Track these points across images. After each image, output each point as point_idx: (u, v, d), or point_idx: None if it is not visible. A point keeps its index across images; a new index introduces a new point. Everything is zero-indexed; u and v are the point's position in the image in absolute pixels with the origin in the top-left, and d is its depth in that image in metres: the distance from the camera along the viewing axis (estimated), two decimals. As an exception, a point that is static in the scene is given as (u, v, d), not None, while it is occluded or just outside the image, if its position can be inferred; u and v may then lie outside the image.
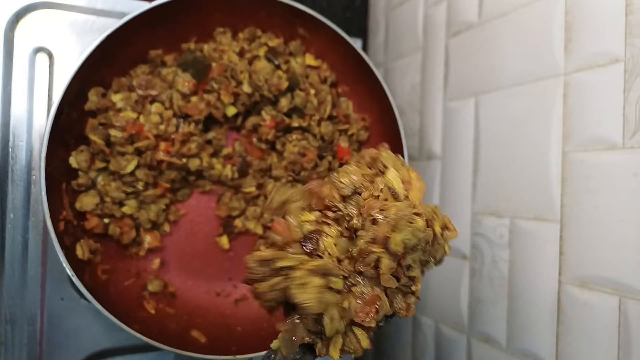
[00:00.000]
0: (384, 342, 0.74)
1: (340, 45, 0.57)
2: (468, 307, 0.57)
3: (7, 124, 0.51)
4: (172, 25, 0.54)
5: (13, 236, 0.51)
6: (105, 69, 0.51)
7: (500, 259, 0.53)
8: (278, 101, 0.58)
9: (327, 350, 0.31)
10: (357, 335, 0.32)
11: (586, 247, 0.43)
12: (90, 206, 0.51)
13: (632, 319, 0.39)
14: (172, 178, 0.55)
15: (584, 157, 0.44)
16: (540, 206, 0.48)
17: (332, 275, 0.30)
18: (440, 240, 0.33)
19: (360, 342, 0.32)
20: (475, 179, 0.57)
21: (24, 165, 0.52)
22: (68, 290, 0.54)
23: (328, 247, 0.31)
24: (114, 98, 0.52)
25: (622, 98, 0.41)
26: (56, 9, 0.53)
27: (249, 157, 0.59)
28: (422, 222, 0.31)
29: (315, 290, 0.29)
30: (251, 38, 0.58)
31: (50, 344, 0.53)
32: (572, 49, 0.45)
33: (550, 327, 0.46)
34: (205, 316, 0.56)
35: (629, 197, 0.40)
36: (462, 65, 0.59)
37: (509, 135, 0.52)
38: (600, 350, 0.42)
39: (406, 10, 0.72)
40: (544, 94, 0.48)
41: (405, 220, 0.31)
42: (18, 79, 0.52)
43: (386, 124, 0.58)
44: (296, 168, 0.58)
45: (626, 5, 0.41)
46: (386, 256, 0.31)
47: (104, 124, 0.51)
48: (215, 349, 0.50)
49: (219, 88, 0.55)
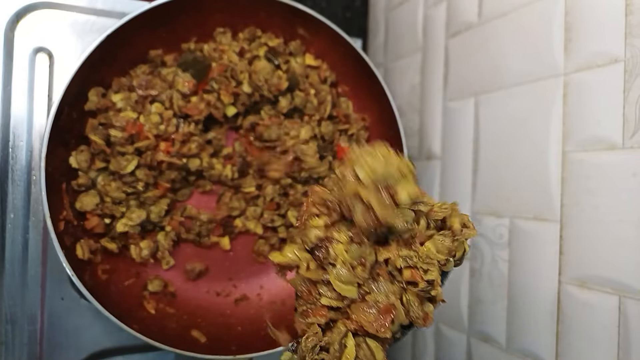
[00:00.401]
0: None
1: (340, 46, 0.57)
2: (468, 306, 0.57)
3: (7, 124, 0.52)
4: (172, 25, 0.54)
5: (13, 236, 0.52)
6: (105, 69, 0.51)
7: (500, 258, 0.53)
8: (278, 101, 0.58)
9: None
10: (372, 348, 0.30)
11: (586, 247, 0.43)
12: (90, 206, 0.51)
13: (631, 318, 0.39)
14: (173, 178, 0.55)
15: (584, 157, 0.44)
16: (540, 206, 0.48)
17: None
18: (459, 236, 0.32)
19: (375, 356, 0.30)
20: (475, 179, 0.57)
21: (24, 165, 0.52)
22: (68, 290, 0.54)
23: (339, 254, 0.30)
24: (114, 98, 0.52)
25: (622, 98, 0.41)
26: (56, 9, 0.53)
27: (249, 157, 0.59)
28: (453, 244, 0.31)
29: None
30: (251, 38, 0.58)
31: (51, 343, 0.53)
32: (572, 49, 0.45)
33: (550, 327, 0.46)
34: (206, 316, 0.56)
35: (629, 197, 0.40)
36: (461, 65, 0.60)
37: (508, 135, 0.52)
38: (600, 350, 0.42)
39: (406, 10, 0.72)
40: (543, 94, 0.48)
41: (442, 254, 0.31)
42: (18, 79, 0.52)
43: (386, 124, 0.58)
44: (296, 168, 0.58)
45: (626, 6, 0.41)
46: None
47: (104, 124, 0.51)
48: (215, 349, 0.51)
49: (219, 88, 0.55)
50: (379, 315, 0.30)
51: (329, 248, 0.31)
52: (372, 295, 0.30)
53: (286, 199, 0.60)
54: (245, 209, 0.60)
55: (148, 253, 0.54)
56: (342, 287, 0.30)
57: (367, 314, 0.30)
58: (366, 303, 0.30)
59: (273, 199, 0.60)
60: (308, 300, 0.31)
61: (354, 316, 0.30)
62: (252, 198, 0.60)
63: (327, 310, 0.31)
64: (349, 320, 0.30)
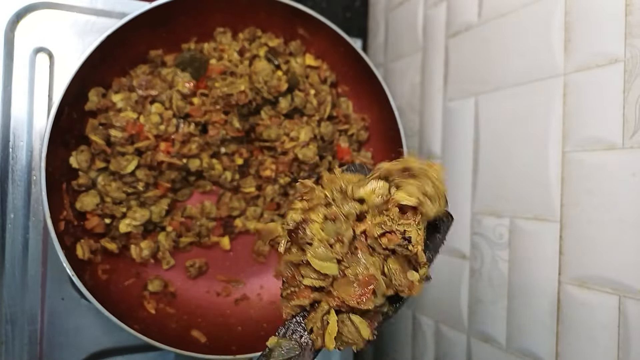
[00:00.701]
0: (384, 341, 0.74)
1: (341, 46, 0.57)
2: (468, 306, 0.57)
3: (7, 124, 0.52)
4: (172, 26, 0.54)
5: (13, 236, 0.52)
6: (105, 69, 0.51)
7: (500, 258, 0.53)
8: (278, 102, 0.58)
9: (322, 341, 0.30)
10: (356, 324, 0.30)
11: (586, 247, 0.44)
12: (90, 206, 0.51)
13: (631, 318, 0.39)
14: (173, 178, 0.55)
15: (584, 157, 0.44)
16: (540, 206, 0.48)
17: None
18: (420, 173, 0.31)
19: (361, 332, 0.30)
20: (475, 179, 0.57)
21: (25, 165, 0.52)
22: (68, 290, 0.54)
23: (316, 233, 0.30)
24: (114, 98, 0.52)
25: (621, 98, 0.41)
26: (56, 9, 0.53)
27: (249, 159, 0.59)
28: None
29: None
30: (251, 38, 0.58)
31: (51, 343, 0.53)
32: (571, 49, 0.46)
33: (550, 327, 0.46)
34: (206, 316, 0.56)
35: (628, 197, 0.40)
36: (461, 65, 0.60)
37: (508, 136, 0.52)
38: (600, 350, 0.42)
39: (406, 10, 0.72)
40: (543, 94, 0.48)
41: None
42: (18, 79, 0.52)
43: (386, 124, 0.58)
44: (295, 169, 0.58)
45: (626, 6, 0.41)
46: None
47: (104, 124, 0.51)
48: (215, 349, 0.51)
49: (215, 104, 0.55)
50: (359, 287, 0.29)
51: (305, 229, 0.30)
52: (351, 269, 0.30)
53: (286, 199, 0.60)
54: (245, 209, 0.60)
55: (149, 253, 0.54)
56: (321, 264, 0.30)
57: (349, 289, 0.30)
58: (347, 278, 0.30)
59: (273, 199, 0.60)
60: (292, 284, 0.31)
61: (335, 293, 0.30)
62: (252, 198, 0.60)
63: (311, 291, 0.31)
64: (332, 298, 0.30)
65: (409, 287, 0.30)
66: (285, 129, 0.57)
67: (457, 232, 0.59)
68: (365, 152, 0.62)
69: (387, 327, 0.74)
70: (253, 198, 0.60)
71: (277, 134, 0.57)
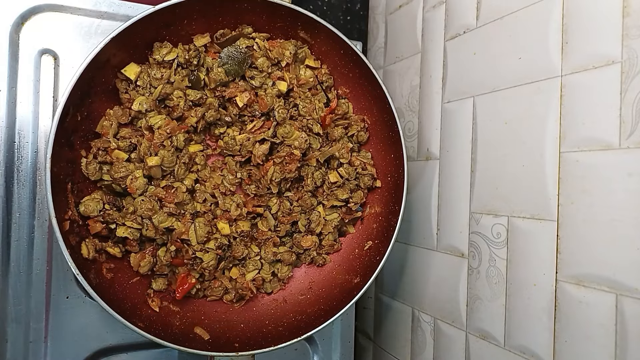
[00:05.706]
0: (384, 338, 0.75)
1: (341, 48, 0.57)
2: (466, 304, 0.58)
3: (13, 125, 0.52)
4: (176, 28, 0.54)
5: (19, 235, 0.52)
6: (109, 71, 0.52)
7: (497, 257, 0.53)
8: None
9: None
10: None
11: (582, 245, 0.44)
12: (94, 212, 0.50)
13: (628, 316, 0.40)
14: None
15: (580, 158, 0.44)
16: (537, 206, 0.48)
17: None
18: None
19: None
20: (473, 179, 0.57)
21: (30, 165, 0.53)
22: (73, 289, 0.54)
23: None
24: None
25: (618, 99, 0.41)
26: (61, 11, 0.54)
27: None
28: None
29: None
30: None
31: (55, 341, 0.53)
32: (568, 51, 0.46)
33: (547, 325, 0.47)
34: (209, 314, 0.56)
35: (625, 197, 0.40)
36: (460, 67, 0.60)
37: (506, 136, 0.53)
38: (597, 348, 0.42)
39: (405, 13, 0.72)
40: (540, 95, 0.48)
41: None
42: (24, 81, 0.53)
43: (386, 125, 0.59)
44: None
45: (623, 7, 0.41)
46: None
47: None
48: (218, 346, 0.51)
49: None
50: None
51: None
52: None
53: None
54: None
55: (147, 269, 0.53)
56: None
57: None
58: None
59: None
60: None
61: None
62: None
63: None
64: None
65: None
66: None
67: (455, 231, 0.60)
68: (365, 153, 0.62)
69: (386, 324, 0.74)
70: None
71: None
